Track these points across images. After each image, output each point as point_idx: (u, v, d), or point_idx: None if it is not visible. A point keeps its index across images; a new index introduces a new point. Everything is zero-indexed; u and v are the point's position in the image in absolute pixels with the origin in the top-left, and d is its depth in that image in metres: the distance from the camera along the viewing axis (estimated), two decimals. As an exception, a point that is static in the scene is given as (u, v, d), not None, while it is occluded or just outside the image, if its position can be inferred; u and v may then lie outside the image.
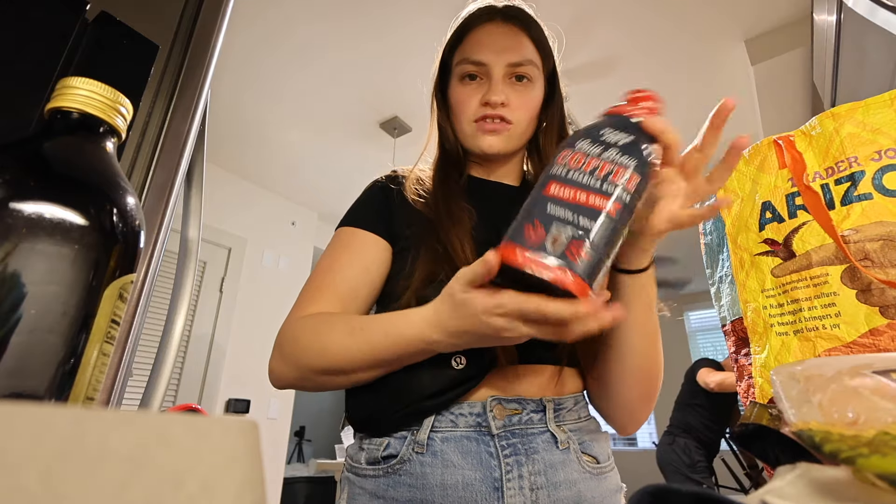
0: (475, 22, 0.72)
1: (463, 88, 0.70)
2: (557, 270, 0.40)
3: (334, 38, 2.22)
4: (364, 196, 0.73)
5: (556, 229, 0.42)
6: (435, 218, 0.64)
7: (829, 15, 1.14)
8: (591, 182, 0.43)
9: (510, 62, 0.68)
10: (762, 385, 0.50)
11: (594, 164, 0.44)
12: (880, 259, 0.43)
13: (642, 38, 2.20)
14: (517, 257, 0.41)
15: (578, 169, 0.44)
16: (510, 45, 0.69)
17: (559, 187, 0.43)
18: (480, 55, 0.69)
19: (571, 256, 0.41)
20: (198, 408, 0.99)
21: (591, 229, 0.42)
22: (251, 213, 3.40)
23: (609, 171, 0.43)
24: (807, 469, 0.24)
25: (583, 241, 0.41)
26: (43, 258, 0.27)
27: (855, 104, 0.49)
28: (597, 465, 0.60)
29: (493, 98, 0.67)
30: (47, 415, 0.12)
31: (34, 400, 0.27)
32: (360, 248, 0.66)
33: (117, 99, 0.33)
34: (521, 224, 0.43)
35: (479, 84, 0.69)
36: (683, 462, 2.80)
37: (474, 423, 0.57)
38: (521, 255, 0.41)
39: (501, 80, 0.68)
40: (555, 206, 0.43)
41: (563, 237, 0.41)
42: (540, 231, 0.42)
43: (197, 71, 0.69)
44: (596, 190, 0.43)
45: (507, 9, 0.73)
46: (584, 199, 0.42)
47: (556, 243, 0.41)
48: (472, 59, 0.69)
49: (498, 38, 0.70)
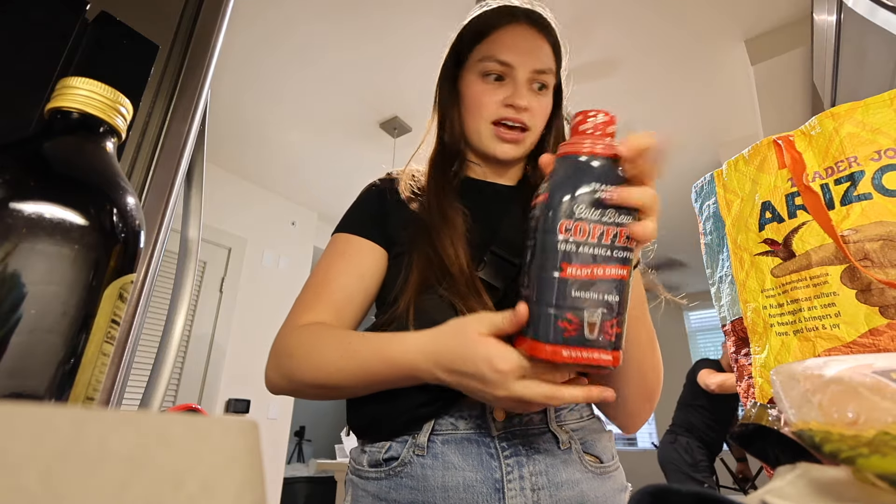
0: (500, 20, 0.71)
1: (484, 86, 0.69)
2: (604, 355, 0.43)
3: (334, 39, 2.22)
4: (359, 201, 0.73)
5: (589, 314, 0.42)
6: (428, 220, 0.64)
7: (829, 15, 1.14)
8: (603, 253, 0.43)
9: (535, 68, 0.68)
10: (762, 385, 0.50)
11: (599, 231, 0.43)
12: (880, 259, 0.43)
13: (642, 38, 2.20)
14: (560, 357, 0.43)
15: (586, 242, 0.43)
16: (536, 51, 0.69)
17: (577, 268, 0.43)
18: (507, 56, 0.68)
19: (609, 336, 0.43)
20: (198, 408, 0.99)
21: (617, 302, 0.43)
22: (251, 213, 3.40)
23: (614, 234, 0.43)
24: (807, 469, 0.24)
25: (615, 318, 0.43)
26: (43, 258, 0.27)
27: (854, 104, 0.49)
28: (600, 465, 0.60)
29: (519, 102, 0.66)
30: (47, 415, 0.12)
31: (34, 400, 0.27)
32: (355, 255, 0.66)
33: (117, 99, 0.33)
34: (550, 317, 0.43)
35: (501, 85, 0.69)
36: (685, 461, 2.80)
37: (474, 424, 0.57)
38: (563, 353, 0.43)
39: (525, 85, 0.68)
40: (579, 292, 0.43)
41: (598, 320, 0.42)
42: (575, 322, 0.42)
43: (197, 71, 0.69)
44: (610, 261, 0.43)
45: (532, 13, 0.72)
46: (602, 273, 0.43)
47: (594, 329, 0.42)
48: (498, 59, 0.68)
49: (525, 41, 0.69)
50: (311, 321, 0.61)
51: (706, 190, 0.62)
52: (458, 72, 0.74)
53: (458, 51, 0.75)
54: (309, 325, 0.61)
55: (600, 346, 0.43)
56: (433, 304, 0.59)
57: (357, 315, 0.65)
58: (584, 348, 0.42)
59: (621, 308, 0.44)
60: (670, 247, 4.41)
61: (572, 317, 0.42)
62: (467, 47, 0.73)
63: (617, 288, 0.43)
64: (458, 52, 0.75)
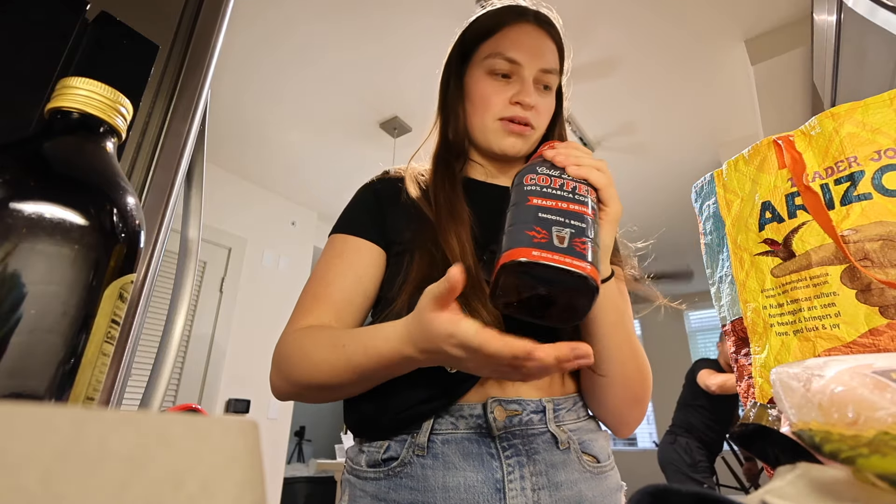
0: (509, 19, 0.71)
1: (492, 83, 0.69)
2: (577, 262, 0.43)
3: (334, 39, 2.22)
4: (355, 200, 0.73)
5: (557, 230, 0.45)
6: (435, 217, 0.64)
7: (829, 15, 1.14)
8: (565, 195, 0.49)
9: (542, 68, 0.68)
10: (762, 385, 0.50)
11: (560, 182, 0.50)
12: (880, 259, 0.43)
13: (642, 37, 2.20)
14: (530, 255, 0.42)
15: (549, 186, 0.50)
16: (543, 51, 0.69)
17: (541, 199, 0.48)
18: (515, 53, 0.68)
19: (580, 249, 0.44)
20: (198, 408, 0.99)
21: (584, 228, 0.46)
22: (251, 213, 3.40)
23: (573, 186, 0.50)
24: (807, 469, 0.24)
25: (583, 237, 0.45)
26: (43, 258, 0.27)
27: (854, 104, 0.49)
28: (597, 465, 0.60)
29: (527, 100, 0.67)
30: (47, 415, 0.12)
31: (34, 400, 0.27)
32: (352, 255, 0.66)
33: (117, 99, 0.33)
34: (519, 230, 0.45)
35: (508, 82, 0.69)
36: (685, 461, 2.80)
37: (475, 424, 0.57)
38: (534, 252, 0.42)
39: (532, 84, 0.68)
40: (546, 214, 0.46)
41: (567, 236, 0.44)
42: (543, 233, 0.44)
43: (197, 71, 0.68)
44: (572, 199, 0.49)
45: (539, 14, 0.73)
46: (567, 206, 0.48)
47: (562, 241, 0.44)
48: (506, 56, 0.68)
49: (533, 40, 0.69)
50: (310, 325, 0.61)
51: (706, 190, 0.62)
52: (463, 68, 0.74)
53: (463, 47, 0.74)
54: (306, 328, 0.61)
55: (572, 254, 0.42)
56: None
57: (357, 316, 0.65)
58: (554, 252, 0.42)
59: (591, 234, 0.46)
60: (672, 247, 4.41)
61: (540, 229, 0.44)
62: (474, 44, 0.73)
63: (582, 218, 0.47)
64: (463, 48, 0.74)
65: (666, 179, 3.39)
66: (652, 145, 3.04)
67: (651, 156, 3.15)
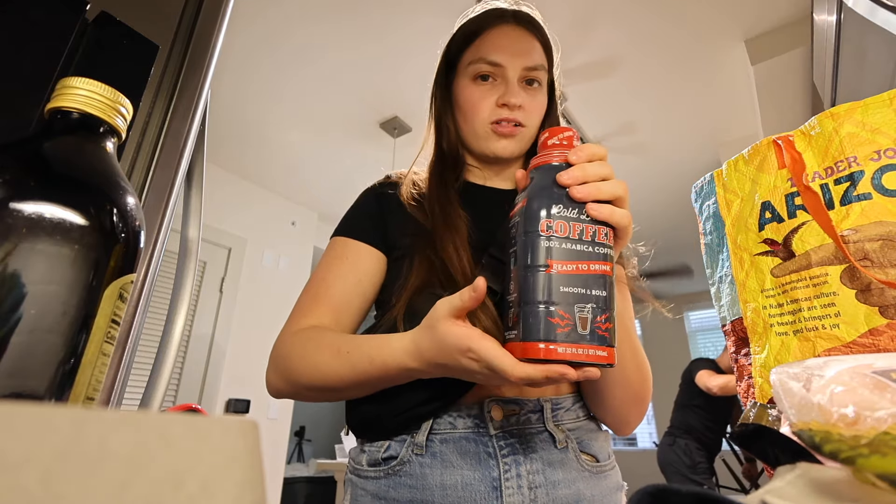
0: (488, 23, 0.71)
1: (476, 88, 0.69)
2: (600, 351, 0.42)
3: (334, 39, 2.22)
4: (357, 204, 0.73)
5: (580, 310, 0.43)
6: (431, 225, 0.64)
7: (829, 15, 1.14)
8: (585, 249, 0.44)
9: (526, 66, 0.68)
10: (762, 385, 0.50)
11: (579, 230, 0.45)
12: (880, 259, 0.43)
13: (642, 38, 2.20)
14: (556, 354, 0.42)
15: (568, 238, 0.44)
16: (525, 49, 0.69)
17: (561, 264, 0.44)
18: (496, 56, 0.68)
19: (602, 332, 0.43)
20: (198, 408, 0.99)
21: (605, 298, 0.44)
22: (251, 213, 3.40)
23: (593, 231, 0.45)
24: (807, 469, 0.24)
25: (605, 314, 0.43)
26: (43, 258, 0.27)
27: (854, 104, 0.49)
28: (596, 464, 0.60)
29: (512, 100, 0.67)
30: (47, 415, 0.12)
31: (34, 400, 0.27)
32: (353, 259, 0.66)
33: (117, 99, 0.33)
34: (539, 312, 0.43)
35: (493, 85, 0.69)
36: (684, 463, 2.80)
37: (472, 423, 0.57)
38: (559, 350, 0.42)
39: (517, 83, 0.68)
40: (567, 287, 0.43)
41: (589, 316, 0.43)
42: (567, 318, 0.42)
43: (197, 71, 0.68)
44: (594, 257, 0.44)
45: (519, 13, 0.72)
46: (588, 268, 0.44)
47: (585, 325, 0.42)
48: (487, 59, 0.68)
49: (513, 40, 0.69)
50: (309, 325, 0.61)
51: (706, 190, 0.62)
52: (450, 77, 0.75)
53: (449, 57, 0.75)
54: (306, 328, 0.61)
55: (594, 343, 0.42)
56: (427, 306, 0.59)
57: (355, 318, 0.65)
58: (578, 345, 0.42)
59: (610, 304, 0.44)
60: (672, 247, 4.41)
61: (563, 313, 0.42)
62: (458, 52, 0.73)
63: (603, 283, 0.44)
64: (449, 58, 0.75)
65: (666, 179, 3.39)
66: (652, 145, 3.04)
67: (651, 156, 3.15)
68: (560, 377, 0.42)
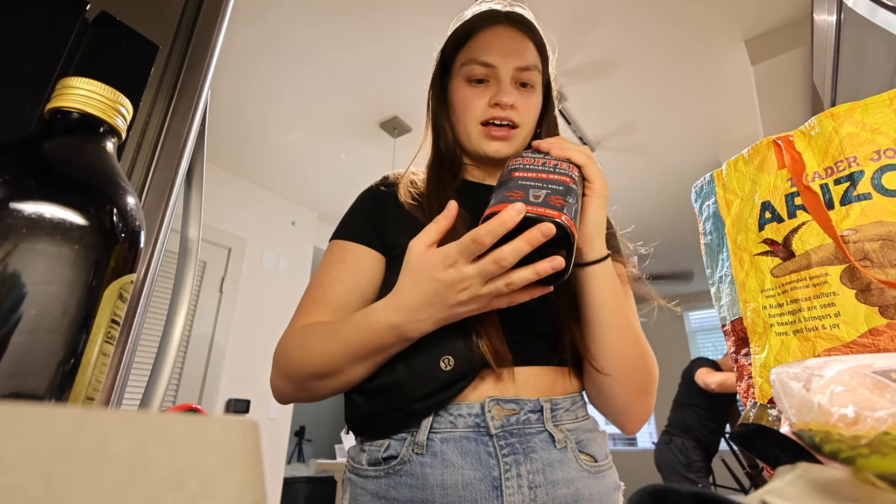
0: (481, 24, 0.72)
1: (469, 89, 0.70)
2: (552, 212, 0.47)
3: (334, 39, 2.22)
4: (354, 206, 0.73)
5: (534, 191, 0.50)
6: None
7: (829, 15, 1.14)
8: (547, 169, 0.54)
9: (518, 66, 0.68)
10: (762, 385, 0.50)
11: (542, 161, 0.55)
12: (879, 259, 0.43)
13: (642, 38, 2.20)
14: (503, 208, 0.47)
15: (532, 164, 0.55)
16: (518, 49, 0.69)
17: (523, 173, 0.53)
18: (489, 57, 0.68)
19: (554, 202, 0.49)
20: (198, 408, 0.99)
21: (562, 190, 0.51)
22: (251, 213, 3.40)
23: (555, 164, 0.55)
24: (807, 469, 0.24)
25: (559, 196, 0.49)
26: (43, 258, 0.27)
27: (854, 104, 0.49)
28: (594, 464, 0.61)
29: (503, 99, 0.67)
30: (47, 415, 0.12)
31: (34, 400, 0.27)
32: (351, 261, 0.66)
33: (117, 99, 0.33)
34: (499, 195, 0.50)
35: (486, 86, 0.69)
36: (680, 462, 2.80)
37: (473, 423, 0.57)
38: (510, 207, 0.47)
39: (509, 83, 0.68)
40: (525, 182, 0.51)
41: (542, 195, 0.49)
42: (520, 194, 0.49)
43: (197, 71, 0.68)
44: (553, 172, 0.54)
45: (512, 14, 0.73)
46: (546, 176, 0.53)
47: (538, 198, 0.49)
48: (480, 60, 0.69)
49: (506, 41, 0.70)
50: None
51: (706, 190, 0.62)
52: (445, 79, 0.75)
53: (444, 59, 0.76)
54: (305, 325, 0.62)
55: (546, 206, 0.48)
56: None
57: None
58: (529, 205, 0.47)
59: (570, 197, 0.50)
60: (671, 247, 4.41)
61: (518, 192, 0.50)
62: (452, 54, 0.74)
63: (560, 184, 0.51)
64: (444, 59, 0.76)
65: (666, 179, 3.39)
66: (652, 145, 3.04)
67: (651, 156, 3.15)
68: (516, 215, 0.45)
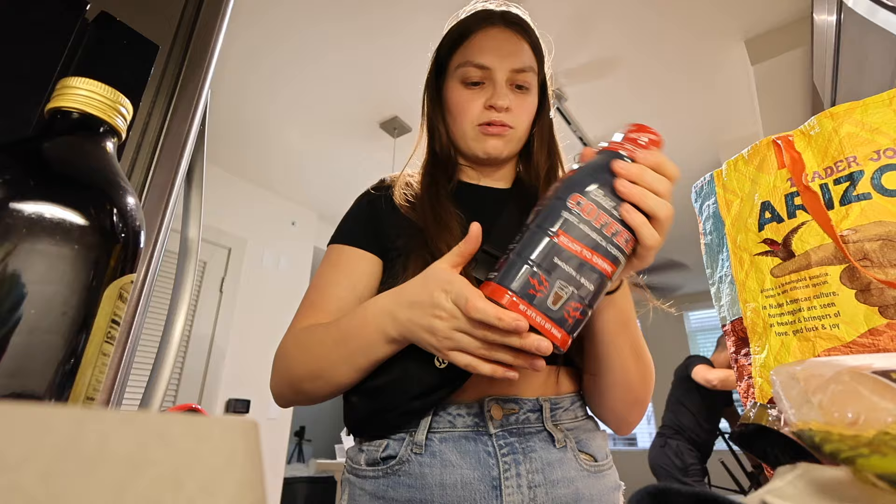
0: (476, 25, 0.72)
1: (464, 91, 0.70)
2: (557, 331, 0.42)
3: (334, 39, 2.22)
4: (352, 210, 0.74)
5: (560, 288, 0.42)
6: (423, 225, 0.64)
7: (829, 15, 1.14)
8: (599, 241, 0.43)
9: (513, 68, 0.68)
10: (762, 385, 0.50)
11: (603, 221, 0.43)
12: (879, 259, 0.43)
13: (642, 38, 2.20)
14: (517, 309, 0.42)
15: (589, 222, 0.43)
16: (513, 51, 0.69)
17: (569, 240, 0.43)
18: (484, 59, 0.68)
19: (568, 317, 0.43)
20: (198, 408, 0.99)
21: (591, 293, 0.43)
22: (251, 213, 3.40)
23: (615, 231, 0.43)
24: (807, 469, 0.24)
25: (581, 304, 0.43)
26: (43, 258, 0.27)
27: (853, 104, 0.49)
28: (594, 464, 0.61)
29: (499, 102, 0.67)
30: (47, 415, 0.12)
31: (34, 400, 0.27)
32: (347, 265, 0.67)
33: (117, 99, 0.33)
34: (525, 271, 0.43)
35: (482, 88, 0.69)
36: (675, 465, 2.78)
37: (472, 422, 0.57)
38: (521, 307, 0.42)
39: (504, 86, 0.68)
40: (561, 261, 0.43)
41: (565, 296, 0.42)
42: (544, 286, 0.42)
43: (197, 71, 0.68)
44: (602, 251, 0.43)
45: (507, 14, 0.72)
46: (590, 257, 0.43)
47: (558, 302, 0.42)
48: (475, 63, 0.68)
49: (501, 42, 0.69)
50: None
51: (706, 190, 0.62)
52: (440, 81, 0.75)
53: (439, 60, 0.75)
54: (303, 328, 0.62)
55: (556, 321, 0.42)
56: None
57: None
58: (540, 313, 0.42)
59: (591, 302, 0.44)
60: (671, 247, 4.41)
61: (544, 280, 0.42)
62: (447, 55, 0.74)
63: (597, 280, 0.43)
64: (439, 61, 0.75)
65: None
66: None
67: (651, 156, 3.14)
68: (512, 327, 0.42)
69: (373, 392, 0.58)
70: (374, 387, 0.58)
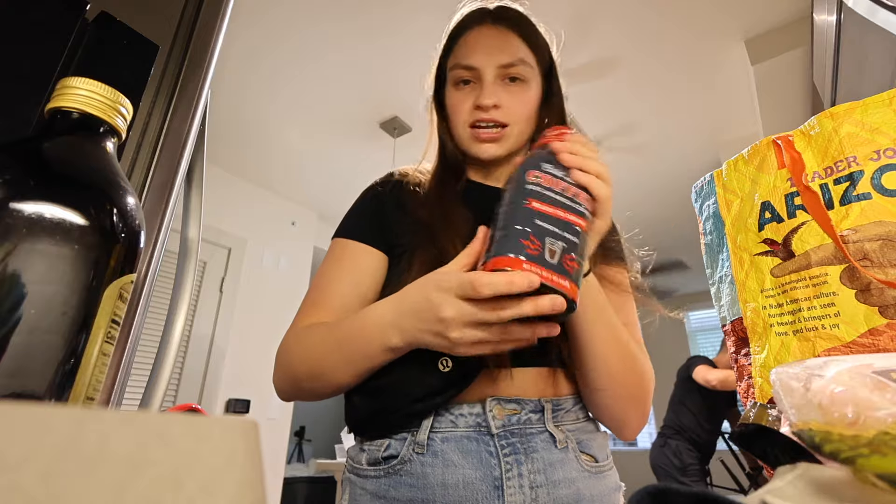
0: (465, 27, 0.72)
1: (456, 93, 0.70)
2: (564, 281, 0.45)
3: (334, 39, 2.22)
4: (357, 204, 0.73)
5: (550, 242, 0.46)
6: (431, 223, 0.64)
7: (829, 15, 1.14)
8: (564, 201, 0.49)
9: (501, 64, 0.68)
10: (762, 385, 0.50)
11: (562, 186, 0.50)
12: (879, 259, 0.43)
13: (642, 38, 2.20)
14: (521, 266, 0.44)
15: (551, 189, 0.49)
16: (500, 47, 0.69)
17: (540, 204, 0.48)
18: (470, 59, 0.69)
19: (568, 267, 0.46)
20: (198, 408, 0.99)
21: (576, 243, 0.48)
22: (251, 213, 3.40)
23: (575, 192, 0.50)
24: (807, 469, 0.24)
25: (572, 254, 0.47)
26: (43, 258, 0.27)
27: (853, 104, 0.49)
28: (595, 464, 0.61)
29: (484, 101, 0.67)
30: (47, 415, 0.12)
31: (34, 400, 0.27)
32: (351, 260, 0.66)
33: (117, 99, 0.33)
34: (513, 234, 0.46)
35: (473, 88, 0.69)
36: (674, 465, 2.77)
37: (474, 423, 0.57)
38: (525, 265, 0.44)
39: (493, 83, 0.68)
40: (542, 222, 0.47)
41: (558, 250, 0.46)
42: (537, 244, 0.46)
43: (197, 71, 0.68)
44: (571, 210, 0.49)
45: (498, 10, 0.72)
46: (564, 216, 0.48)
47: (553, 255, 0.45)
48: (462, 64, 0.69)
49: (488, 40, 0.69)
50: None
51: (706, 190, 0.62)
52: (442, 86, 0.76)
53: (440, 66, 0.76)
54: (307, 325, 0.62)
55: (560, 273, 0.45)
56: None
57: None
58: (544, 268, 0.44)
59: (580, 252, 0.47)
60: (671, 247, 4.41)
61: (535, 238, 0.46)
62: (444, 59, 0.74)
63: (576, 233, 0.48)
64: (440, 66, 0.76)
65: (666, 179, 3.39)
66: (652, 145, 3.04)
67: (651, 156, 3.14)
68: (526, 284, 0.43)
69: (375, 392, 0.58)
70: (376, 387, 0.58)
